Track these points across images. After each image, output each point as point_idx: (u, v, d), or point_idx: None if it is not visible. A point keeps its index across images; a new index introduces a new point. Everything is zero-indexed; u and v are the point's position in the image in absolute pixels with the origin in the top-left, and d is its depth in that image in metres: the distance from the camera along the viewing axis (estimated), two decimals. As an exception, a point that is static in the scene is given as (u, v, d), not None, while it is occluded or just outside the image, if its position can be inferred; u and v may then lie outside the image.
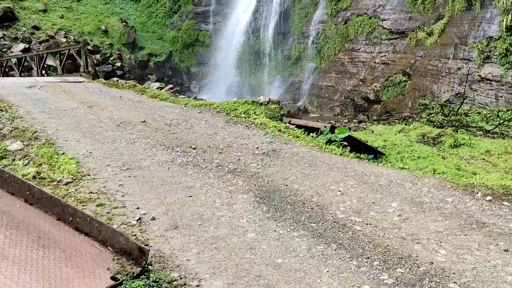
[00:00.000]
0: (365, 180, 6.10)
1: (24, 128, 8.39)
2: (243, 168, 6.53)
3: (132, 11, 36.26)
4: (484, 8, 15.33)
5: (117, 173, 6.26)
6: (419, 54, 18.22)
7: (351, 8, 22.48)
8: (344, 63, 22.33)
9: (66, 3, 33.45)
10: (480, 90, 14.62)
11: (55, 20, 31.22)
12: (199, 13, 32.99)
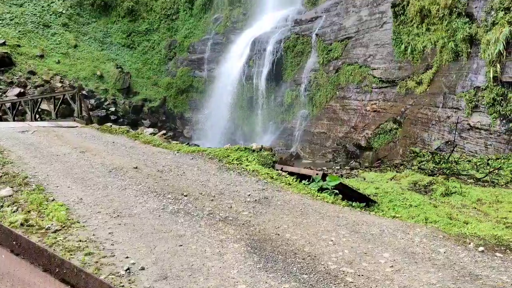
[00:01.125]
0: (357, 229, 6.07)
1: (14, 174, 8.33)
2: (235, 216, 6.49)
3: (127, 57, 36.93)
4: (471, 59, 15.80)
5: (107, 220, 6.19)
6: (409, 103, 18.57)
7: (342, 58, 23.07)
8: (335, 110, 22.66)
9: (63, 49, 34.04)
10: (470, 139, 14.84)
11: (51, 65, 31.67)
12: (193, 60, 33.67)
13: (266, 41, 27.09)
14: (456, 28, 16.32)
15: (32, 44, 32.64)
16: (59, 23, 35.65)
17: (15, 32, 32.68)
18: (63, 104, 22.40)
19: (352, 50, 22.58)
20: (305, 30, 25.69)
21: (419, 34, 18.57)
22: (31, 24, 34.12)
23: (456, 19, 16.53)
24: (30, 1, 35.91)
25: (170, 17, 37.58)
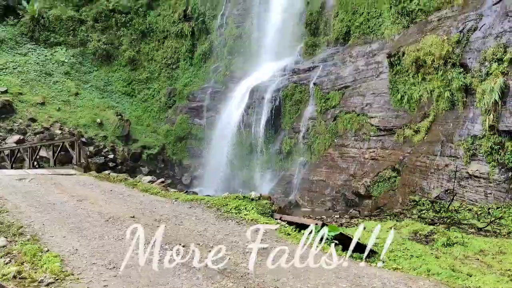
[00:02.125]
0: (358, 282, 5.92)
1: (9, 223, 8.21)
2: (233, 268, 6.34)
3: (127, 105, 37.37)
4: (467, 108, 16.01)
5: (102, 272, 6.04)
6: (407, 151, 18.64)
7: (340, 106, 23.36)
8: (334, 158, 22.70)
9: (64, 97, 34.47)
10: (469, 187, 14.78)
11: (51, 112, 31.97)
12: (193, 108, 34.05)
13: (265, 90, 27.50)
14: (451, 78, 16.64)
15: (34, 92, 33.09)
16: (61, 71, 36.31)
17: (18, 80, 33.20)
18: (62, 151, 22.42)
19: (350, 99, 22.90)
20: (303, 79, 26.15)
21: (415, 83, 18.90)
22: (33, 72, 34.73)
23: (451, 69, 16.89)
24: (34, 50, 36.75)
25: (171, 66, 38.33)
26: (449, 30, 17.44)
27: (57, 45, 38.14)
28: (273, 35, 30.39)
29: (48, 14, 39.02)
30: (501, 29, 15.13)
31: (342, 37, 25.50)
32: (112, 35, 39.33)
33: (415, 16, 20.92)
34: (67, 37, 38.71)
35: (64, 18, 39.00)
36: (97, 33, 39.20)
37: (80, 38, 38.89)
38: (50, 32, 38.48)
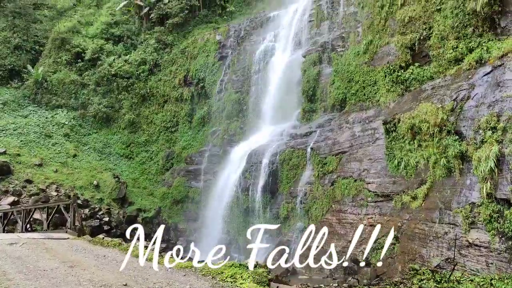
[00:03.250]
0: None
1: (-3, 291, 7.95)
2: None
3: (125, 167, 37.44)
4: (464, 175, 16.03)
5: None
6: (405, 217, 18.45)
7: (337, 171, 23.41)
8: (332, 224, 22.43)
9: (62, 158, 34.59)
10: (470, 256, 14.49)
11: (48, 174, 31.92)
12: (190, 171, 34.09)
13: (262, 154, 27.67)
14: (447, 145, 16.80)
15: (32, 153, 33.23)
16: (61, 133, 36.69)
17: (17, 142, 33.45)
18: (57, 214, 22.16)
19: (347, 164, 23.00)
20: (300, 144, 26.39)
21: (411, 150, 19.06)
22: (33, 134, 35.07)
23: (446, 136, 17.09)
24: (35, 112, 37.35)
25: (170, 129, 38.82)
26: (442, 98, 17.84)
27: (58, 107, 38.84)
28: (271, 101, 31.03)
29: (52, 78, 40.06)
30: (493, 98, 15.48)
31: (339, 103, 26.05)
32: (113, 98, 40.14)
33: (409, 85, 21.49)
34: (68, 100, 39.53)
35: (67, 82, 40.02)
36: (98, 96, 40.04)
37: (82, 101, 39.69)
38: (52, 95, 39.32)
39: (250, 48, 34.99)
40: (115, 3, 46.16)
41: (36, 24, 46.35)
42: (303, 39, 30.36)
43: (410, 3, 21.71)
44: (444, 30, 19.50)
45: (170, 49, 40.97)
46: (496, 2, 17.16)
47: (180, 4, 40.79)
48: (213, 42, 37.58)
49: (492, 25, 17.77)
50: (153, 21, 42.48)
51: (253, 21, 37.21)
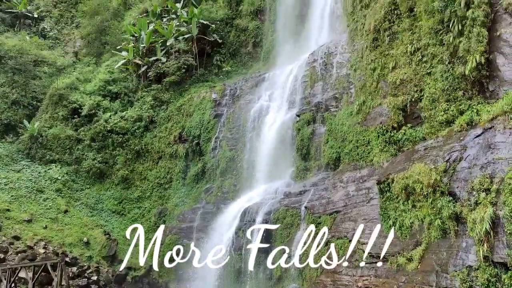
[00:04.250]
0: None
1: None
2: None
3: (117, 224, 36.90)
4: (459, 237, 15.86)
5: None
6: (401, 280, 18.03)
7: (332, 231, 23.12)
8: (326, 286, 21.86)
9: (53, 214, 34.11)
10: (469, 322, 14.07)
11: (37, 230, 31.33)
12: (182, 229, 33.58)
13: (256, 212, 27.39)
14: (441, 206, 16.73)
15: (22, 208, 32.77)
16: (53, 188, 36.38)
17: (7, 197, 33.06)
18: (43, 272, 21.52)
19: (341, 224, 22.76)
20: (294, 203, 26.21)
21: (406, 210, 18.94)
22: (25, 189, 34.76)
23: (440, 197, 17.05)
24: (28, 167, 37.20)
25: (163, 186, 38.59)
26: (435, 159, 17.98)
27: (52, 162, 38.76)
28: (265, 159, 31.15)
29: (47, 133, 40.26)
30: (486, 160, 15.64)
31: (333, 162, 26.17)
32: (107, 154, 40.19)
33: (402, 145, 21.74)
34: (63, 155, 39.53)
35: (62, 137, 40.19)
36: (93, 152, 40.09)
37: (76, 156, 39.68)
38: (47, 149, 39.35)
39: (245, 106, 35.56)
40: (114, 61, 47.23)
41: (35, 80, 47.15)
42: (297, 99, 30.94)
43: (401, 66, 22.37)
44: (435, 93, 19.98)
45: (167, 106, 41.54)
46: (484, 67, 17.74)
47: (178, 64, 41.79)
48: (209, 100, 38.21)
49: (481, 88, 18.27)
50: (151, 79, 43.33)
51: (248, 80, 38.06)
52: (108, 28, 52.02)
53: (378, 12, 24.08)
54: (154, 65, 42.69)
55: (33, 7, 57.75)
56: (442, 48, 19.67)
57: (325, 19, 33.99)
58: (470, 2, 18.04)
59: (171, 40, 43.00)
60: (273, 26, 41.15)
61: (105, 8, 53.61)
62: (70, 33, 57.20)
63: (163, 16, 48.48)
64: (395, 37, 23.08)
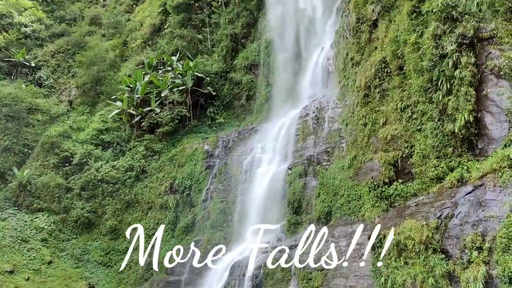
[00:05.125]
0: None
1: None
2: None
3: (102, 276, 35.89)
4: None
5: None
6: None
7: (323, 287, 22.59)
8: None
9: (36, 265, 33.16)
10: None
11: (19, 282, 30.39)
12: (171, 282, 32.70)
13: (246, 266, 26.80)
14: (434, 264, 16.50)
15: (5, 258, 31.87)
16: (38, 238, 35.58)
17: (-9, 246, 32.21)
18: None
19: (333, 280, 22.28)
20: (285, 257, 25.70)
21: (398, 267, 18.62)
22: (9, 238, 33.96)
23: (433, 254, 16.84)
24: (14, 215, 36.53)
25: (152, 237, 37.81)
26: (427, 215, 17.89)
27: (39, 211, 38.13)
28: (256, 212, 30.87)
29: (37, 181, 39.85)
30: (477, 218, 15.61)
31: (324, 216, 25.95)
32: (97, 203, 39.69)
33: (393, 200, 21.69)
34: (51, 203, 38.96)
35: (51, 185, 39.76)
36: (82, 201, 39.60)
37: (64, 205, 39.11)
38: (34, 198, 38.81)
39: (238, 158, 35.64)
40: (108, 111, 47.63)
41: (28, 127, 47.23)
42: (289, 152, 31.13)
43: (392, 122, 22.72)
44: (425, 149, 20.18)
45: (159, 157, 41.53)
46: (472, 125, 18.06)
47: (172, 114, 42.20)
48: (201, 152, 38.29)
49: (470, 146, 18.51)
50: (144, 129, 43.57)
51: (241, 132, 38.36)
52: (104, 78, 52.80)
53: (368, 69, 24.76)
54: (148, 116, 43.04)
55: (31, 56, 58.82)
56: (431, 105, 20.07)
57: (318, 75, 34.81)
58: (458, 63, 18.61)
59: (165, 91, 43.62)
60: (266, 80, 42.02)
61: (102, 59, 54.61)
62: (66, 82, 57.97)
63: (159, 68, 49.47)
64: (386, 94, 23.60)
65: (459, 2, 19.07)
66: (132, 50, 57.11)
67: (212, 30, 50.88)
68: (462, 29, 18.63)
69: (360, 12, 27.49)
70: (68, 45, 61.52)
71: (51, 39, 63.60)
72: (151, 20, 57.66)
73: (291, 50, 40.32)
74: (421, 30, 20.89)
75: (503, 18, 17.09)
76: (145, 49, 55.18)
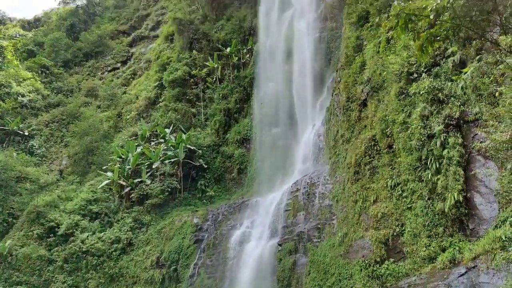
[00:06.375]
0: None
1: None
2: None
3: None
4: None
5: None
6: None
7: None
8: None
9: None
10: None
11: None
12: None
13: None
14: None
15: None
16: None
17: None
18: None
19: None
20: None
21: None
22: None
23: None
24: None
25: (134, 314, 36.14)
26: (420, 298, 17.41)
27: (18, 284, 36.55)
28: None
29: (18, 252, 38.61)
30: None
31: (314, 296, 25.09)
32: (79, 277, 38.22)
33: (385, 280, 21.10)
34: (31, 276, 37.47)
35: (33, 257, 38.51)
36: (64, 274, 38.15)
37: (45, 279, 37.60)
38: (14, 270, 37.38)
39: (227, 233, 35.02)
40: (98, 181, 47.26)
41: (15, 196, 46.49)
42: (279, 227, 30.70)
43: (382, 200, 22.71)
44: (416, 228, 20.02)
45: (146, 229, 40.67)
46: (462, 205, 18.06)
47: (162, 186, 41.95)
48: (190, 225, 37.62)
49: (461, 226, 18.40)
50: (133, 201, 43.01)
51: (231, 206, 38.00)
52: (96, 149, 52.95)
53: (358, 147, 25.15)
54: (138, 187, 42.71)
55: (25, 125, 59.25)
56: (421, 184, 20.19)
57: (309, 151, 35.26)
58: (445, 143, 18.99)
59: (157, 163, 43.67)
60: (258, 154, 42.40)
61: (95, 130, 55.14)
62: (58, 151, 58.00)
63: (152, 140, 49.91)
64: (376, 171, 23.79)
65: (444, 85, 19.84)
66: (126, 122, 57.89)
67: (206, 105, 52.07)
68: (448, 111, 19.22)
69: (350, 92, 28.43)
70: (63, 115, 62.34)
71: (47, 108, 64.54)
72: (146, 93, 59.06)
73: (283, 125, 41.16)
74: (409, 111, 21.49)
75: (487, 102, 17.68)
76: (139, 121, 56.00)
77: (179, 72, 53.89)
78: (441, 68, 20.62)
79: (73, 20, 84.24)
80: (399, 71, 22.35)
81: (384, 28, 22.99)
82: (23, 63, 70.18)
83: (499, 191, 16.93)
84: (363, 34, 29.13)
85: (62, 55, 76.09)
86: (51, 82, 70.29)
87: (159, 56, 63.35)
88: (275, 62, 45.41)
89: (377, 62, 25.56)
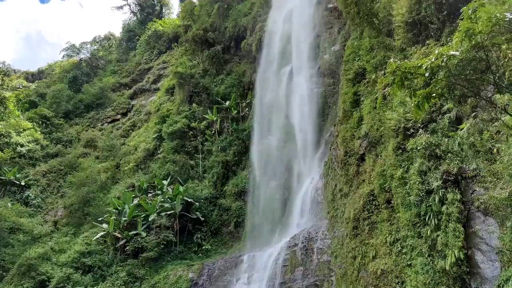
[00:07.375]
0: None
1: None
2: None
3: None
4: None
5: None
6: None
7: None
8: None
9: None
10: None
11: None
12: None
13: None
14: None
15: None
16: None
17: None
18: None
19: None
20: None
21: None
22: None
23: None
24: None
25: None
26: None
27: None
28: None
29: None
30: None
31: None
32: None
33: None
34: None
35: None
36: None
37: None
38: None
39: (223, 289, 34.09)
40: (93, 233, 46.47)
41: (6, 248, 45.50)
42: (277, 283, 29.88)
43: (382, 256, 22.25)
44: (417, 286, 19.45)
45: (140, 284, 39.51)
46: (464, 262, 17.65)
47: (157, 239, 41.23)
48: (185, 280, 36.65)
49: (463, 285, 17.87)
50: (128, 253, 42.10)
51: (228, 261, 37.16)
52: (93, 200, 52.44)
53: (357, 201, 24.95)
54: (133, 239, 41.93)
55: (22, 175, 58.96)
56: (420, 240, 19.83)
57: (307, 205, 34.95)
58: (444, 199, 18.82)
59: (153, 215, 43.12)
60: (256, 208, 42.02)
61: (93, 180, 54.87)
62: (54, 202, 57.39)
63: (149, 191, 49.58)
64: (375, 227, 23.46)
65: (441, 141, 19.95)
66: (124, 173, 57.72)
67: (205, 157, 52.17)
68: (446, 167, 19.19)
69: (347, 146, 28.57)
70: (60, 166, 62.25)
71: (45, 159, 64.55)
72: (145, 145, 59.32)
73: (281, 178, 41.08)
74: (407, 166, 21.48)
75: (484, 158, 17.73)
76: (137, 172, 55.88)
77: (178, 124, 54.43)
78: (437, 124, 20.81)
79: (76, 72, 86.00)
80: (396, 126, 22.56)
81: (380, 85, 23.56)
82: (25, 113, 70.96)
83: (501, 249, 16.60)
84: (360, 90, 29.65)
85: (63, 106, 77.12)
86: (51, 133, 70.75)
87: (159, 108, 64.23)
88: (274, 115, 46.02)
89: (374, 118, 25.86)
